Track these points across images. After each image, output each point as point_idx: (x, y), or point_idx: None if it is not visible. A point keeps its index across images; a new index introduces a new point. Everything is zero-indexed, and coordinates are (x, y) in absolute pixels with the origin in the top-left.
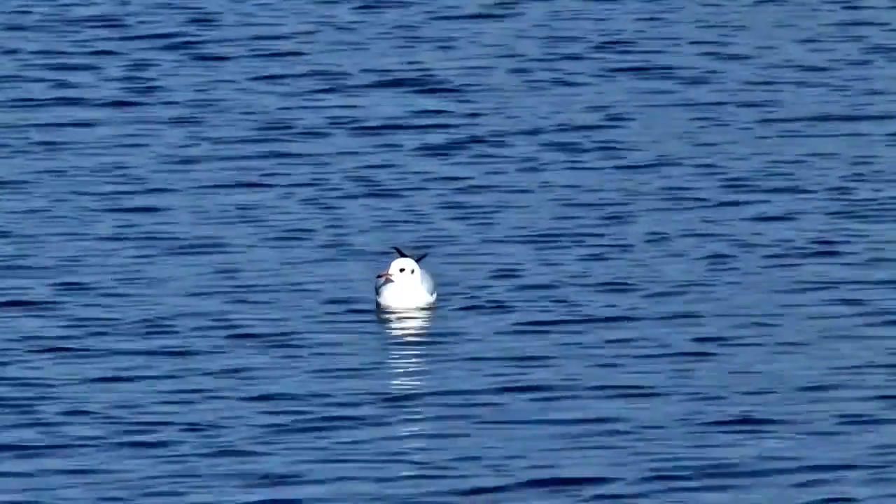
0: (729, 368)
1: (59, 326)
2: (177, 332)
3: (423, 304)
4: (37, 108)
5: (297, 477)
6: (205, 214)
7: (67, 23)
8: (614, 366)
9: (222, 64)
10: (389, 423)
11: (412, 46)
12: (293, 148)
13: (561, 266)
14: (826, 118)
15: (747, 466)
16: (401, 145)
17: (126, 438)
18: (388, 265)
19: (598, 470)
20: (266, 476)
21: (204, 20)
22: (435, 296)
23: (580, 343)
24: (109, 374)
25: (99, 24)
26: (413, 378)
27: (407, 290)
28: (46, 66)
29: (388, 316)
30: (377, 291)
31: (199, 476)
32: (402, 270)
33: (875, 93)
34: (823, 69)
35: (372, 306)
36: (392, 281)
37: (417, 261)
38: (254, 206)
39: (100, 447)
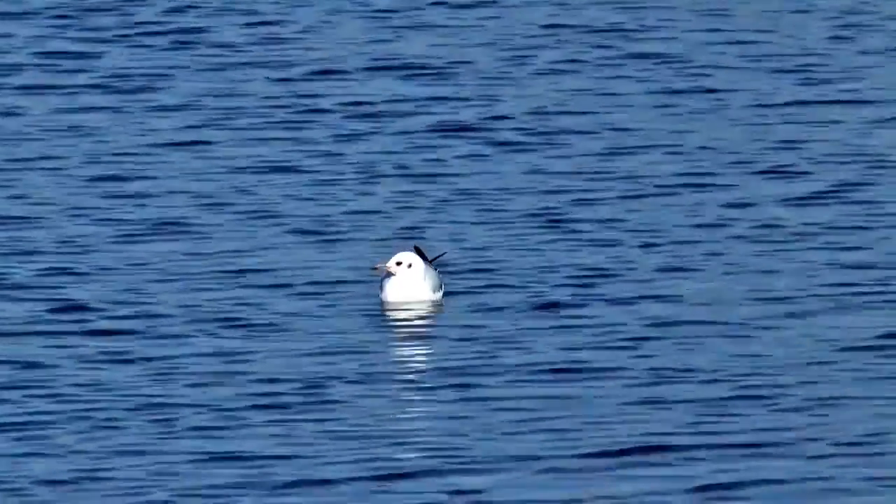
0: (705, 350)
1: (37, 309)
2: (165, 316)
3: (425, 299)
4: (28, 95)
5: (273, 457)
6: (193, 199)
7: (62, 9)
8: (585, 348)
9: (211, 50)
10: (360, 406)
11: (397, 31)
12: (281, 133)
13: (537, 252)
14: (798, 104)
15: (715, 443)
16: (386, 130)
17: (96, 417)
18: (385, 259)
19: (570, 448)
20: (247, 456)
21: (192, 7)
22: (440, 294)
23: (559, 326)
24: (88, 355)
25: (93, 12)
26: (386, 360)
27: (407, 284)
28: (36, 53)
29: (385, 309)
30: (381, 287)
31: (177, 455)
32: (399, 264)
33: (847, 78)
34: (798, 55)
35: (354, 289)
36: (392, 275)
37: (432, 260)
38: (244, 192)
39: (69, 426)
